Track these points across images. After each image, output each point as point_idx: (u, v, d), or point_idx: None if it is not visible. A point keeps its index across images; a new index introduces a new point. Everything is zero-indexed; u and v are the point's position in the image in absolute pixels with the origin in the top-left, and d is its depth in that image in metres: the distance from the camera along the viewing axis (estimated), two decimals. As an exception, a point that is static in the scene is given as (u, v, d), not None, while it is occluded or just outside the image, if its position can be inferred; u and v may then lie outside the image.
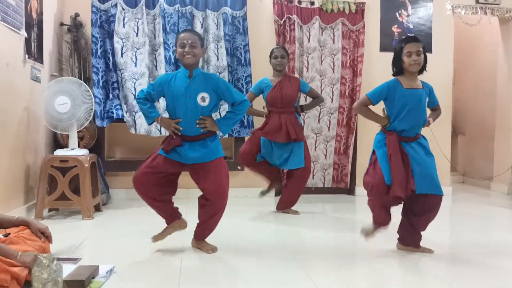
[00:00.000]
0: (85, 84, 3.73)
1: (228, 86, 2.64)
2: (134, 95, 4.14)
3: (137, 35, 4.32)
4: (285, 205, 3.94)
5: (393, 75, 2.71)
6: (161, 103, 4.18)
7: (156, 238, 2.68)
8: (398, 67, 2.66)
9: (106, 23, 4.32)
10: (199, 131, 2.55)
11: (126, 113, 4.25)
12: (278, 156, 3.80)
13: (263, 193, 4.04)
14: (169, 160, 2.55)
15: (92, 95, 3.74)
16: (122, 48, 4.27)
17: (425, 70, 2.68)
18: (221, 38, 4.51)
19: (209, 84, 2.56)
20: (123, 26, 4.30)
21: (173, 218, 2.70)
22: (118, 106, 4.27)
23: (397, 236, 2.78)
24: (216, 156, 2.57)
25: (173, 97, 2.56)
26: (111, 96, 4.29)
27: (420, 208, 2.62)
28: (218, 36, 4.52)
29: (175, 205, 2.71)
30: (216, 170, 2.55)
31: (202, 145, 2.55)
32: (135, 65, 4.27)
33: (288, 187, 3.95)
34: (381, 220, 2.68)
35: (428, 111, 2.83)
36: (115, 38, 4.26)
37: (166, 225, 2.72)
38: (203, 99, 2.53)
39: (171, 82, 2.57)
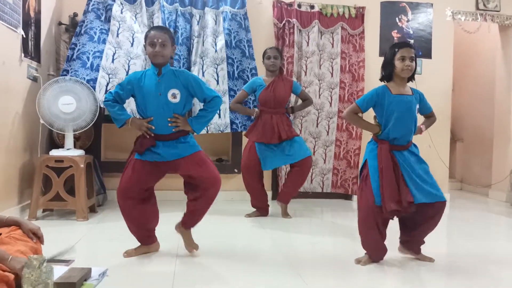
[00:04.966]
0: (88, 85, 3.70)
1: (199, 82, 2.57)
2: (127, 72, 3.99)
3: (135, 22, 4.21)
4: (285, 198, 3.90)
5: (381, 79, 2.66)
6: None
7: (129, 254, 2.59)
8: (388, 72, 2.59)
9: (99, 10, 4.15)
10: (171, 130, 2.50)
11: (107, 84, 3.97)
12: (280, 153, 3.75)
13: (249, 215, 3.92)
14: (149, 164, 2.49)
15: (95, 97, 3.70)
16: (118, 29, 4.13)
17: (414, 79, 2.62)
18: (220, 32, 4.39)
19: (179, 81, 2.51)
20: (121, 13, 4.19)
21: (147, 241, 2.64)
22: (92, 82, 3.90)
23: (398, 241, 2.74)
24: (195, 149, 2.55)
25: (144, 96, 2.50)
26: (88, 64, 3.95)
27: (423, 216, 2.55)
28: (217, 31, 4.41)
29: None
30: (202, 160, 2.54)
31: (177, 143, 2.51)
32: (132, 45, 4.13)
33: (291, 177, 3.88)
34: (373, 250, 2.58)
35: (422, 119, 2.78)
36: (112, 21, 4.11)
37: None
38: (173, 95, 2.48)
39: (140, 81, 2.51)
